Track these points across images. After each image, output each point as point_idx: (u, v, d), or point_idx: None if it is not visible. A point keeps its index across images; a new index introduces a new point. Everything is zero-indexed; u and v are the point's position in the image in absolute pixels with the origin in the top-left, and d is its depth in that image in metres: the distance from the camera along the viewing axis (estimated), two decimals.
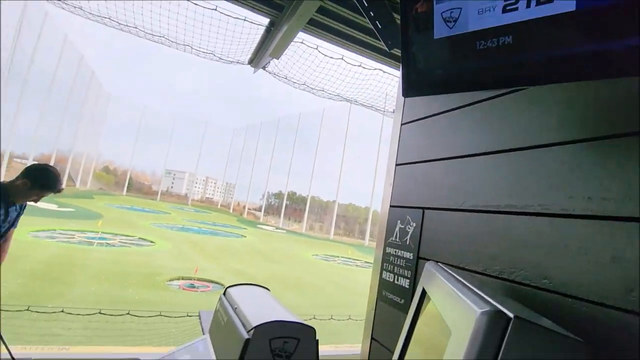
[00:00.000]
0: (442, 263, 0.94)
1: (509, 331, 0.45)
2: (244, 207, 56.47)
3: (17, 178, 2.22)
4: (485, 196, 1.02)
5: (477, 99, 1.15)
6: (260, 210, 55.09)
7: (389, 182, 1.45)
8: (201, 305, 6.65)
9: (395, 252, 1.32)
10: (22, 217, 2.47)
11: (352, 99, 7.40)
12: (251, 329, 2.24)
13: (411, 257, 1.24)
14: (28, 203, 2.40)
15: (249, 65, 5.21)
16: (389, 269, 1.35)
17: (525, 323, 0.46)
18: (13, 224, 2.35)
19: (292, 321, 2.38)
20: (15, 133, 27.70)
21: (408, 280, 1.23)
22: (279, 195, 55.11)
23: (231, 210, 57.24)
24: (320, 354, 2.40)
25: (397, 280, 1.29)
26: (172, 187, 74.57)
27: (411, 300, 1.19)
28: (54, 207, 20.93)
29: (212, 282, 9.91)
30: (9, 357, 2.52)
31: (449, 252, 1.10)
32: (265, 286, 3.32)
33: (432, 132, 1.31)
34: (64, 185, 2.40)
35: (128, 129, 53.50)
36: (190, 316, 5.67)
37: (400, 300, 1.25)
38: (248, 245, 20.60)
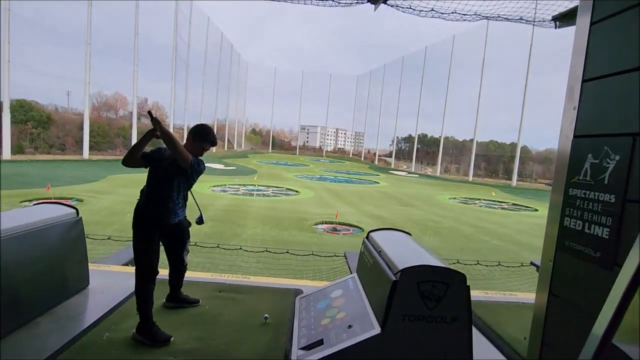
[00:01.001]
0: None
1: None
2: (375, 154, 57.10)
3: (187, 137, 2.86)
4: None
5: None
6: (390, 156, 54.77)
7: (572, 106, 1.11)
8: (345, 247, 7.25)
9: (585, 193, 1.04)
10: (202, 176, 3.04)
11: (492, 15, 6.13)
12: (398, 272, 2.27)
13: (612, 200, 0.95)
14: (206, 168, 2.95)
15: (369, 3, 4.84)
16: (575, 214, 1.08)
17: None
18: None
19: (440, 266, 2.31)
20: (188, 110, 34.56)
21: (607, 229, 0.96)
22: (409, 139, 53.29)
23: (362, 159, 58.82)
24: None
25: (589, 228, 1.02)
26: (307, 141, 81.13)
27: (615, 253, 0.94)
28: (221, 166, 25.79)
29: (352, 225, 10.63)
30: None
31: None
32: (407, 231, 3.31)
33: None
34: (217, 140, 2.96)
35: (264, 92, 59.63)
36: (337, 256, 6.25)
37: (595, 253, 1.00)
38: (382, 191, 21.01)
